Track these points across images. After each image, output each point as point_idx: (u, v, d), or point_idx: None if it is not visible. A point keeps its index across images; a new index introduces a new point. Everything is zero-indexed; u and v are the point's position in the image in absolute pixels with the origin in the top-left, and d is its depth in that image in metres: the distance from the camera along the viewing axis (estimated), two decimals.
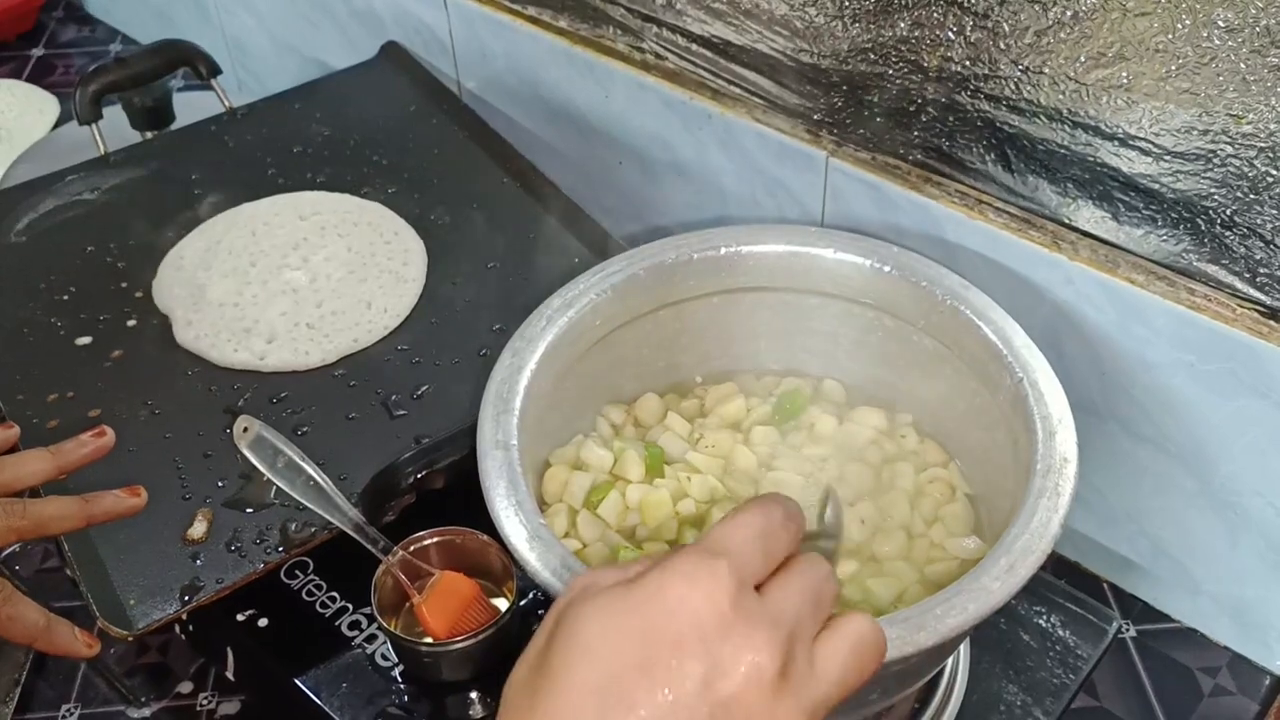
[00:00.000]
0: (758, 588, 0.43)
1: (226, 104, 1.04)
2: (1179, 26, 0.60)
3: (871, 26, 0.74)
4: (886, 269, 0.71)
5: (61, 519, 0.64)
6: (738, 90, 0.84)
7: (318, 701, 0.71)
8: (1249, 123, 0.61)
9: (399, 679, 0.72)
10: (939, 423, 0.73)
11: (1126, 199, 0.68)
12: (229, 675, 0.77)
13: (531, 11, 0.96)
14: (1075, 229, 0.71)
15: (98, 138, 0.99)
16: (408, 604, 0.71)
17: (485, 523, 0.61)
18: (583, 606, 0.42)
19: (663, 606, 0.41)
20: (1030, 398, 0.63)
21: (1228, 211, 0.64)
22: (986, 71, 0.70)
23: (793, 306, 0.76)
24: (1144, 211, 0.68)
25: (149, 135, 1.06)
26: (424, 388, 0.79)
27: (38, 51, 1.45)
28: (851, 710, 0.62)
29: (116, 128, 1.03)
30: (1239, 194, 0.63)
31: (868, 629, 0.44)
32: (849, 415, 0.74)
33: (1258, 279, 0.65)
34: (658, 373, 0.77)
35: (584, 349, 0.72)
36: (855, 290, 0.73)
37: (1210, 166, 0.63)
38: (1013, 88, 0.69)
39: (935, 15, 0.70)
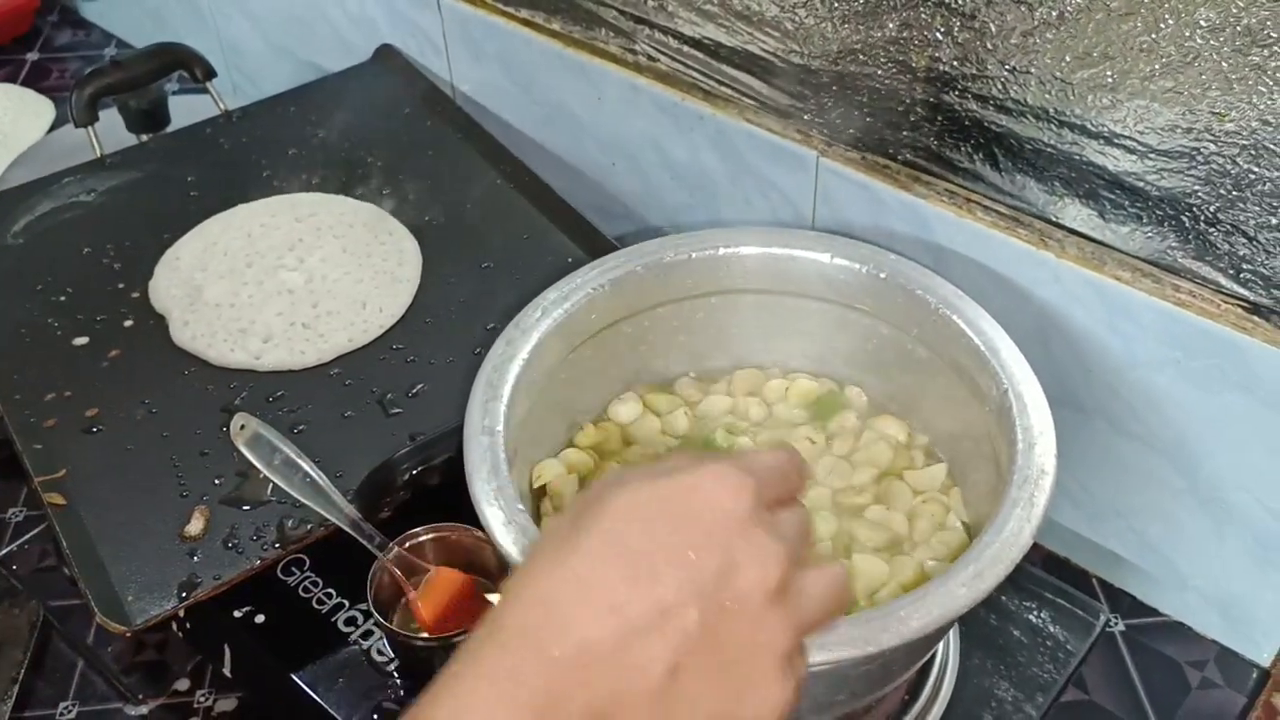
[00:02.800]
0: None
1: (222, 107, 1.05)
2: (1162, 26, 0.61)
3: (861, 28, 0.74)
4: (882, 275, 0.72)
5: None
6: (729, 91, 0.85)
7: (315, 697, 0.71)
8: (1231, 121, 0.62)
9: (395, 674, 0.72)
10: (939, 439, 0.73)
11: (1112, 197, 0.69)
12: (226, 672, 0.77)
13: (524, 14, 0.96)
14: (1062, 227, 0.72)
15: (94, 140, 0.99)
16: (403, 599, 0.71)
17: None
18: (619, 485, 0.45)
19: (694, 499, 0.44)
20: (1014, 409, 0.63)
21: (1211, 209, 0.65)
22: (974, 71, 0.70)
23: (789, 310, 0.76)
24: (1129, 209, 0.68)
25: (145, 138, 1.07)
26: (419, 386, 0.80)
27: (33, 56, 1.45)
28: (829, 709, 0.63)
29: (112, 131, 1.04)
30: (1222, 191, 0.64)
31: (844, 574, 0.48)
32: (870, 423, 0.74)
33: (1241, 275, 0.66)
34: (652, 370, 0.78)
35: (579, 342, 0.72)
36: (851, 295, 0.74)
37: (1194, 164, 0.64)
38: (1000, 87, 0.70)
39: (923, 16, 0.71)
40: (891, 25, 0.73)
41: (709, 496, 0.44)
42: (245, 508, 0.72)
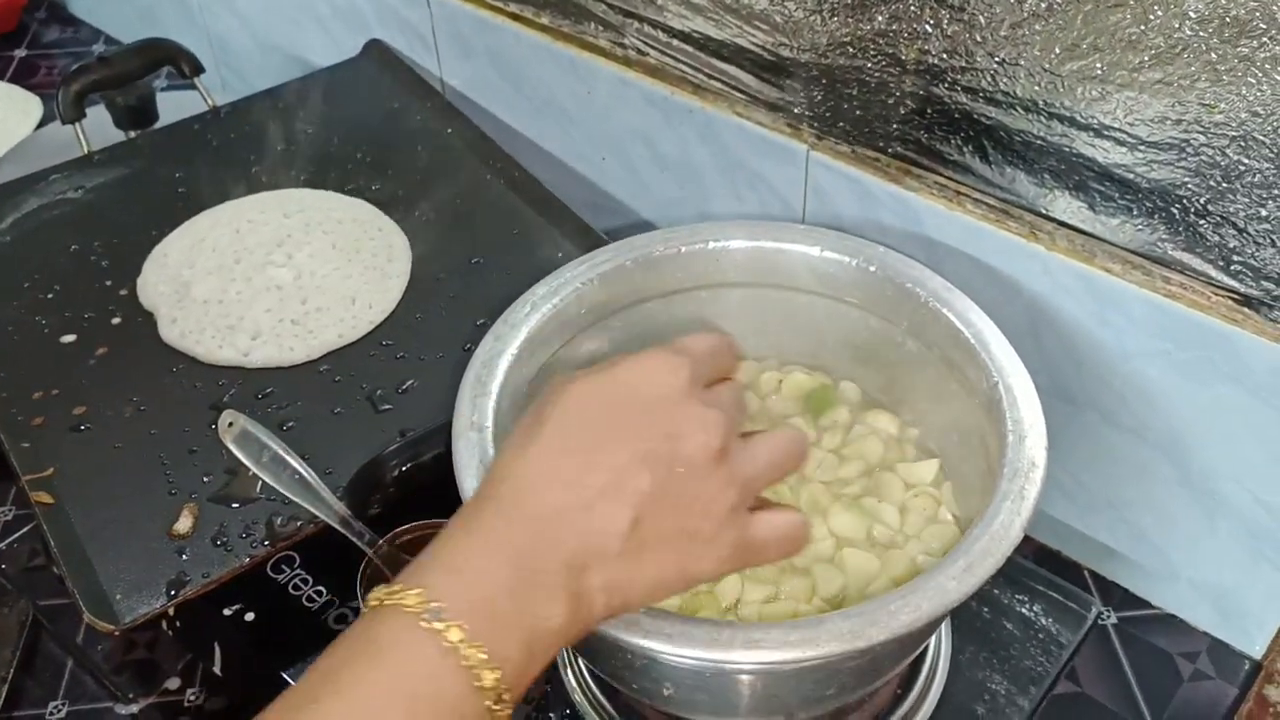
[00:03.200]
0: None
1: (210, 102, 1.05)
2: (1151, 18, 0.61)
3: (850, 20, 0.74)
4: (871, 268, 0.72)
5: None
6: (719, 85, 0.85)
7: None
8: (1221, 112, 0.61)
9: None
10: (930, 432, 0.73)
11: (1102, 189, 0.69)
12: (216, 670, 0.77)
13: (513, 8, 0.96)
14: (1052, 219, 0.72)
15: (81, 137, 0.99)
16: None
17: None
18: (567, 385, 0.52)
19: (635, 382, 0.51)
20: (1004, 402, 0.63)
21: (1201, 200, 0.65)
22: (963, 64, 0.70)
23: (779, 303, 0.76)
24: (1119, 201, 0.68)
25: (132, 134, 1.07)
26: (408, 382, 0.79)
27: (20, 52, 1.45)
28: (820, 704, 0.63)
29: (100, 127, 1.03)
30: (1212, 183, 0.64)
31: (793, 437, 0.55)
32: (862, 417, 0.74)
33: (1231, 267, 0.66)
34: None
35: (568, 338, 0.72)
36: (841, 289, 0.73)
37: (1183, 156, 0.64)
38: (989, 80, 0.70)
39: (912, 8, 0.70)
40: (880, 18, 0.72)
41: (649, 379, 0.51)
42: (234, 505, 0.72)
